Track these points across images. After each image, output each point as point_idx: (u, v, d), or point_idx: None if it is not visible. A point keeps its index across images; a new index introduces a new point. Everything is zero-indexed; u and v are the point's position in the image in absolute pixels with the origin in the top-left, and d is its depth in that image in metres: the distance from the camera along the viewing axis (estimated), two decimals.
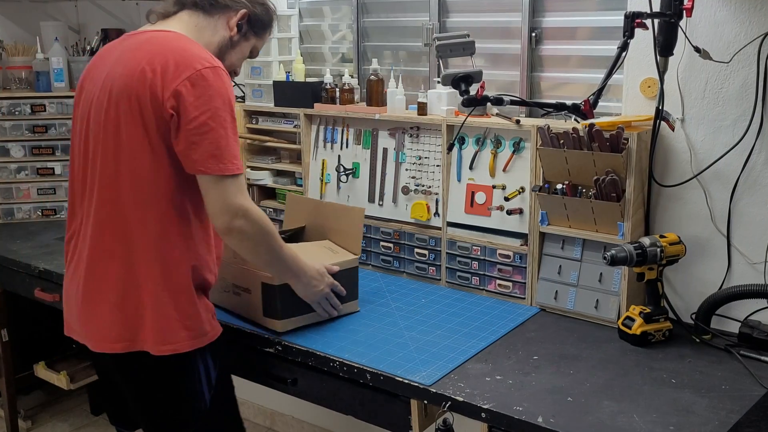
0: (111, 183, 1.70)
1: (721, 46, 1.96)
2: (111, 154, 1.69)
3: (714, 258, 2.05)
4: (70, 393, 3.37)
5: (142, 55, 1.67)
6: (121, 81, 1.67)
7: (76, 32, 3.74)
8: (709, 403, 1.64)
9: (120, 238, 1.70)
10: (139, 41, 1.73)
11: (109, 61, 1.76)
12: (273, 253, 1.80)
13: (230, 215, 1.65)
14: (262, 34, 1.92)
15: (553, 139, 2.07)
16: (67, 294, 1.86)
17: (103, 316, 1.73)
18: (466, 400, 1.67)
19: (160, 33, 1.74)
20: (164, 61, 1.63)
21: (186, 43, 1.70)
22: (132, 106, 1.65)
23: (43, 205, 3.30)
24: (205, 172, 1.63)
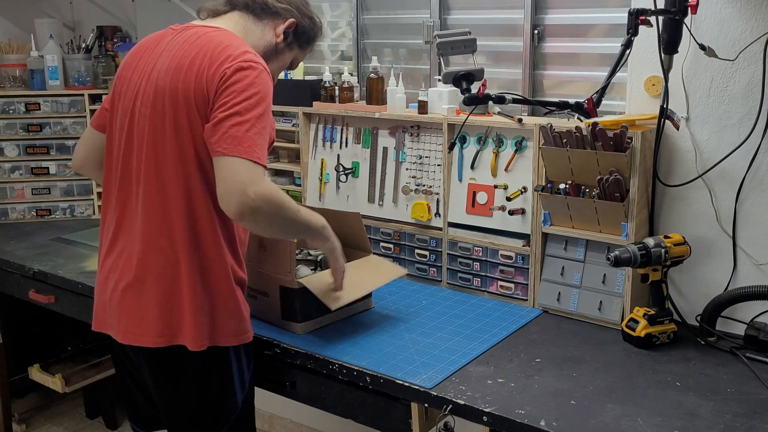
0: (157, 176, 1.71)
1: (727, 44, 1.96)
2: (157, 146, 1.70)
3: (719, 259, 2.06)
4: (65, 396, 3.38)
5: (191, 49, 1.70)
6: (168, 77, 1.69)
7: (71, 29, 3.75)
8: (714, 407, 1.64)
9: (165, 231, 1.71)
10: (189, 36, 1.75)
11: (155, 53, 1.77)
12: (293, 225, 1.73)
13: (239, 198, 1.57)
14: (306, 47, 1.96)
15: (556, 138, 2.07)
16: (103, 285, 1.84)
17: (148, 309, 1.73)
18: (468, 403, 1.67)
19: (211, 29, 1.77)
20: (210, 55, 1.66)
21: (233, 39, 1.73)
22: (179, 103, 1.67)
23: (37, 206, 3.30)
24: (221, 153, 1.59)
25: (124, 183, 1.79)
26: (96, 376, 3.28)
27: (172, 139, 1.69)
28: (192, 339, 1.73)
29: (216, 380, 1.81)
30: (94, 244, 2.90)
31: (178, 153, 1.69)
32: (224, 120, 1.61)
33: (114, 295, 1.79)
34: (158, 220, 1.72)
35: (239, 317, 1.79)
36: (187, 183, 1.70)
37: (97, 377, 3.28)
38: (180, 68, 1.69)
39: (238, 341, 1.80)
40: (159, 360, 1.78)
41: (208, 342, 1.74)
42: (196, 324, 1.72)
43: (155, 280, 1.73)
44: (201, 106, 1.66)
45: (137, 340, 1.77)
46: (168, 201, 1.71)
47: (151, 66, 1.76)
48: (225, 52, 1.67)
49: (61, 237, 3.03)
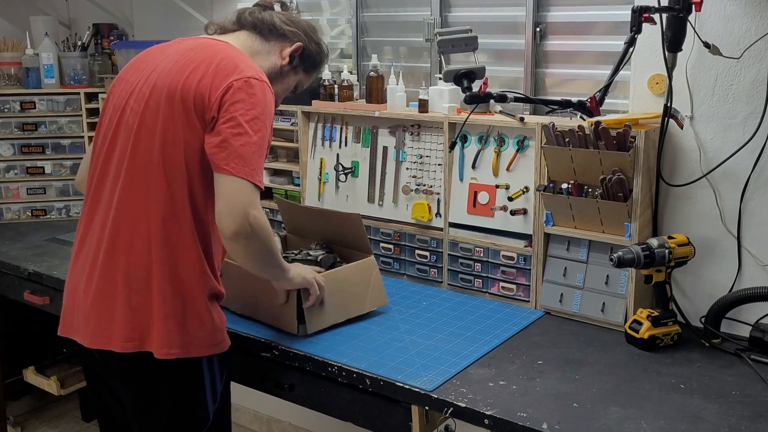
0: (138, 175, 1.70)
1: (732, 42, 1.96)
2: (143, 146, 1.70)
3: (724, 260, 2.06)
4: (61, 399, 3.38)
5: (198, 56, 1.71)
6: (168, 78, 1.70)
7: (67, 27, 3.75)
8: (718, 409, 1.64)
9: (140, 232, 1.70)
10: (198, 45, 1.77)
11: (158, 58, 1.78)
12: (272, 260, 1.78)
13: (241, 219, 1.62)
14: (311, 72, 1.98)
15: (558, 137, 2.07)
16: (72, 289, 1.83)
17: (116, 312, 1.71)
18: (469, 406, 1.67)
19: (216, 41, 1.80)
20: (216, 64, 1.68)
21: (241, 55, 1.75)
22: (175, 103, 1.67)
23: (32, 206, 3.30)
24: (229, 172, 1.63)
25: (100, 180, 1.78)
26: None
27: (161, 139, 1.68)
28: (158, 346, 1.70)
29: (187, 390, 1.78)
30: None
31: (164, 154, 1.68)
32: (234, 137, 1.63)
33: (86, 297, 1.76)
34: (134, 219, 1.70)
35: (213, 327, 1.76)
36: (170, 186, 1.68)
37: None
38: (183, 70, 1.69)
39: (211, 351, 1.77)
40: (128, 366, 1.75)
41: (177, 351, 1.71)
42: (165, 331, 1.70)
43: (125, 282, 1.71)
44: (199, 108, 1.66)
45: (105, 344, 1.73)
46: (147, 202, 1.69)
47: (152, 68, 1.76)
48: (233, 64, 1.69)
49: (56, 237, 3.03)
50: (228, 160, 1.63)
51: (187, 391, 1.78)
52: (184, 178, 1.68)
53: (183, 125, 1.67)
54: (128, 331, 1.71)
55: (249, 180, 1.63)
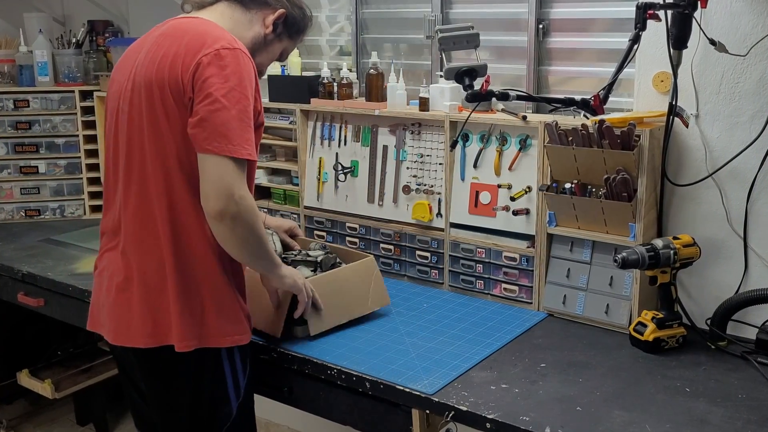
0: (137, 174, 1.72)
1: (738, 39, 1.96)
2: (134, 143, 1.72)
3: (730, 260, 2.06)
4: (55, 402, 3.37)
5: (166, 41, 1.71)
6: (143, 70, 1.71)
7: (61, 24, 3.75)
8: (725, 413, 1.64)
9: (150, 230, 1.72)
10: (167, 29, 1.76)
11: (137, 52, 1.78)
12: (261, 246, 1.75)
13: (225, 199, 1.61)
14: (296, 37, 1.95)
15: (562, 136, 2.07)
16: (98, 285, 1.86)
17: (136, 309, 1.74)
18: (470, 409, 1.67)
19: (185, 19, 1.78)
20: (186, 44, 1.67)
21: (209, 27, 1.72)
22: (154, 94, 1.67)
23: (26, 206, 3.30)
24: (211, 151, 1.61)
25: (115, 183, 1.81)
26: (87, 381, 3.28)
27: (149, 133, 1.69)
28: (178, 339, 1.72)
29: (208, 384, 1.80)
30: (84, 245, 2.90)
31: (155, 148, 1.69)
32: (212, 114, 1.61)
33: (108, 294, 1.80)
34: (142, 218, 1.73)
35: (234, 318, 1.78)
36: (168, 179, 1.69)
37: (87, 383, 3.28)
38: (154, 60, 1.69)
39: (231, 342, 1.78)
40: (150, 362, 1.78)
41: (196, 342, 1.73)
42: (183, 324, 1.72)
43: (141, 279, 1.74)
44: (176, 94, 1.65)
45: (127, 340, 1.77)
46: (149, 199, 1.71)
47: (132, 64, 1.77)
48: (200, 39, 1.67)
49: (50, 238, 3.03)
50: (209, 140, 1.61)
51: (208, 385, 1.79)
52: (179, 168, 1.69)
53: (165, 115, 1.67)
54: (149, 327, 1.73)
55: (232, 156, 1.61)
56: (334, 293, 2.06)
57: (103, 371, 3.33)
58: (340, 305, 2.07)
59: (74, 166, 3.31)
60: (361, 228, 2.61)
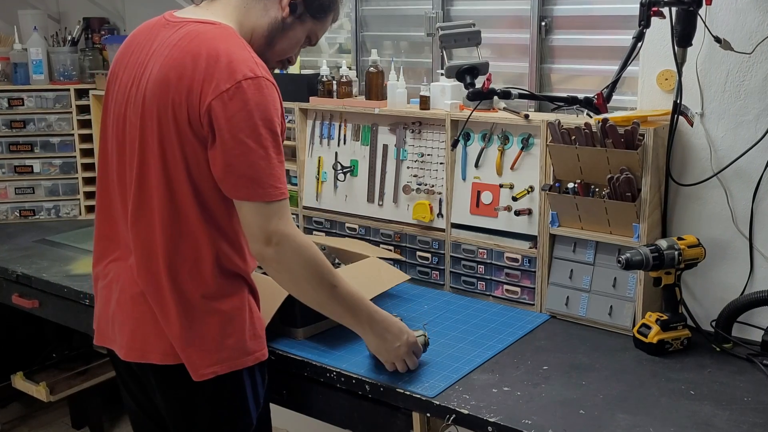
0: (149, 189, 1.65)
1: (743, 36, 1.96)
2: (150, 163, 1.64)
3: (735, 261, 2.06)
4: (50, 405, 3.38)
5: (183, 57, 1.60)
6: (158, 87, 1.61)
7: (57, 21, 3.75)
8: (730, 416, 1.64)
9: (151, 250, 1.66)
10: (182, 38, 1.63)
11: (147, 51, 1.69)
12: (322, 290, 1.69)
13: (263, 242, 1.59)
14: (322, 18, 1.80)
15: (564, 134, 2.07)
16: (106, 296, 1.79)
17: (150, 323, 1.68)
18: (472, 412, 1.67)
19: (204, 27, 1.65)
20: (203, 68, 1.57)
21: (230, 45, 1.61)
22: (168, 120, 1.60)
23: (21, 206, 3.30)
24: (243, 199, 1.59)
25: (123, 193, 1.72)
26: (82, 384, 3.28)
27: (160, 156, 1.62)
28: (194, 368, 1.67)
29: (228, 399, 1.75)
30: (80, 246, 2.90)
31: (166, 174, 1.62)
32: (238, 159, 1.56)
33: (121, 306, 1.73)
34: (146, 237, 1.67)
35: (252, 335, 1.72)
36: (177, 204, 1.63)
37: (83, 386, 3.28)
38: (169, 81, 1.60)
39: (252, 361, 1.73)
40: (168, 378, 1.71)
41: (215, 369, 1.67)
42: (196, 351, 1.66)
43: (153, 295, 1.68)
44: (194, 126, 1.59)
45: (143, 356, 1.70)
46: (153, 220, 1.65)
47: (142, 67, 1.68)
48: (219, 65, 1.57)
49: (45, 239, 3.03)
50: (237, 187, 1.58)
51: (229, 401, 1.75)
52: (191, 193, 1.63)
53: (180, 142, 1.60)
54: (167, 343, 1.67)
55: (263, 201, 1.58)
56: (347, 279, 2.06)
57: (98, 374, 3.33)
58: None
59: (69, 165, 3.31)
60: (360, 228, 2.61)
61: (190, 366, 1.67)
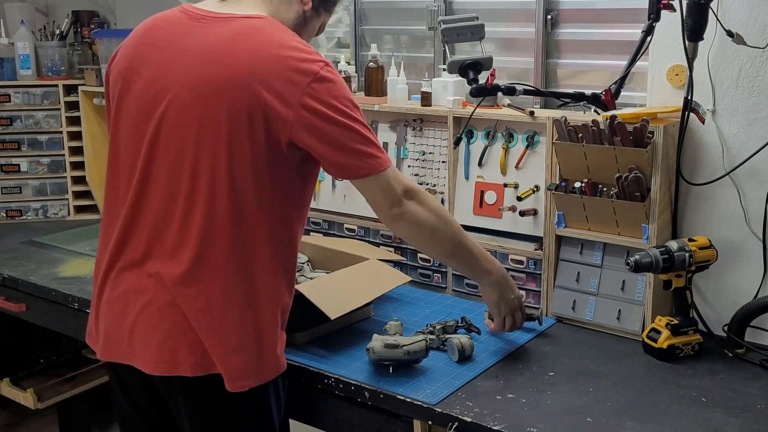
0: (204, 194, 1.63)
1: (757, 30, 1.96)
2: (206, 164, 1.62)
3: (748, 264, 2.06)
4: (38, 413, 3.37)
5: (240, 54, 1.61)
6: (227, 87, 1.59)
7: (44, 14, 3.75)
8: (743, 424, 1.64)
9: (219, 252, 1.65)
10: (229, 34, 1.64)
11: (179, 45, 1.67)
12: (455, 239, 1.84)
13: (398, 203, 1.73)
14: (332, 8, 1.91)
15: (571, 132, 2.07)
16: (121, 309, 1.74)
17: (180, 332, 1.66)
18: (475, 420, 1.67)
19: (249, 22, 1.67)
20: (277, 62, 1.60)
21: (287, 38, 1.66)
22: (240, 117, 1.59)
23: (7, 206, 3.30)
24: (363, 175, 1.69)
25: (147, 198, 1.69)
26: (71, 391, 3.27)
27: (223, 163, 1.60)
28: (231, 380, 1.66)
29: (256, 414, 1.75)
30: (68, 247, 2.90)
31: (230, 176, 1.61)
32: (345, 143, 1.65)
33: (146, 316, 1.68)
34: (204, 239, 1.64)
35: (280, 344, 1.74)
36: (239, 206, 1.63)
37: (72, 392, 3.27)
38: (233, 79, 1.59)
39: (277, 373, 1.75)
40: (197, 391, 1.70)
41: (253, 381, 1.68)
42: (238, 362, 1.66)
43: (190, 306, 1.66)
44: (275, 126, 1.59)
45: (172, 369, 1.67)
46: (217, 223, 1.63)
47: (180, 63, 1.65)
48: (287, 58, 1.60)
49: (33, 240, 3.02)
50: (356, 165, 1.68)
51: (256, 414, 1.75)
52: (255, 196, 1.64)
53: (252, 146, 1.60)
54: (198, 354, 1.66)
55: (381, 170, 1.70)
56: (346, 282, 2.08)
57: (87, 380, 3.33)
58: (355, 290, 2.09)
59: (58, 164, 3.31)
60: (360, 229, 2.61)
61: (228, 375, 1.66)
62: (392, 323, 2.03)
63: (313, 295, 1.96)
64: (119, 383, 1.83)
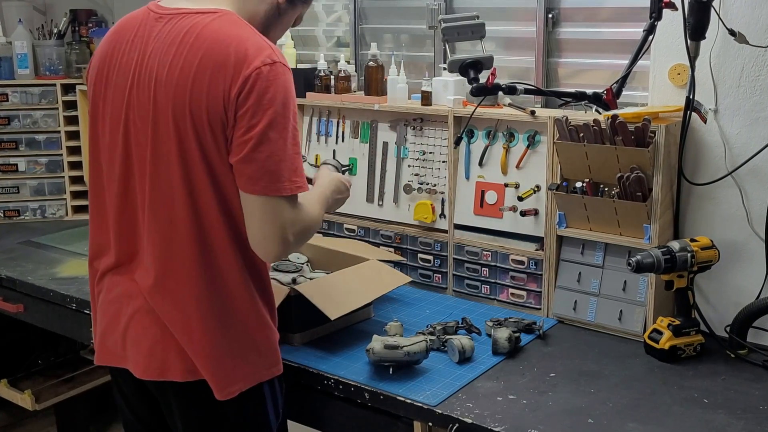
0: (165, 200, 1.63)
1: (759, 29, 1.96)
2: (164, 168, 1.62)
3: (751, 264, 2.06)
4: (36, 414, 3.37)
5: (194, 53, 1.58)
6: (171, 89, 1.58)
7: (42, 13, 3.75)
8: (745, 426, 1.64)
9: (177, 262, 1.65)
10: (185, 31, 1.61)
11: (140, 47, 1.66)
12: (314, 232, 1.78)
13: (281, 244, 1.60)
14: (309, 0, 1.83)
15: (572, 132, 2.07)
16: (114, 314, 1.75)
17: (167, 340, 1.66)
18: (476, 422, 1.67)
19: (206, 17, 1.63)
20: (221, 62, 1.55)
21: (242, 33, 1.60)
22: (186, 122, 1.57)
23: (5, 206, 3.30)
24: (258, 192, 1.57)
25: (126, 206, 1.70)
26: (69, 392, 3.27)
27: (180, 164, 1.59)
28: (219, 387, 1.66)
29: (251, 417, 1.74)
30: (66, 247, 2.90)
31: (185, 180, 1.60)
32: (256, 149, 1.54)
33: (135, 321, 1.69)
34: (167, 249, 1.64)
35: (269, 348, 1.73)
36: (199, 212, 1.61)
37: (69, 393, 3.27)
38: (184, 79, 1.57)
39: (272, 374, 1.73)
40: (189, 396, 1.70)
41: (239, 387, 1.67)
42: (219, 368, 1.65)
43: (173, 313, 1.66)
44: (216, 124, 1.57)
45: (162, 374, 1.67)
46: (178, 232, 1.62)
47: (141, 66, 1.64)
48: (234, 53, 1.55)
49: (30, 240, 3.02)
50: (255, 180, 1.56)
51: (252, 417, 1.75)
52: (214, 199, 1.61)
53: (201, 147, 1.58)
54: (188, 359, 1.66)
55: (285, 195, 1.57)
56: (345, 282, 2.08)
57: (85, 381, 3.32)
58: (356, 290, 2.09)
59: (56, 164, 3.31)
60: (359, 230, 2.61)
61: (216, 384, 1.65)
62: (392, 324, 2.03)
63: (313, 296, 1.96)
64: (117, 386, 1.84)
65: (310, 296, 1.96)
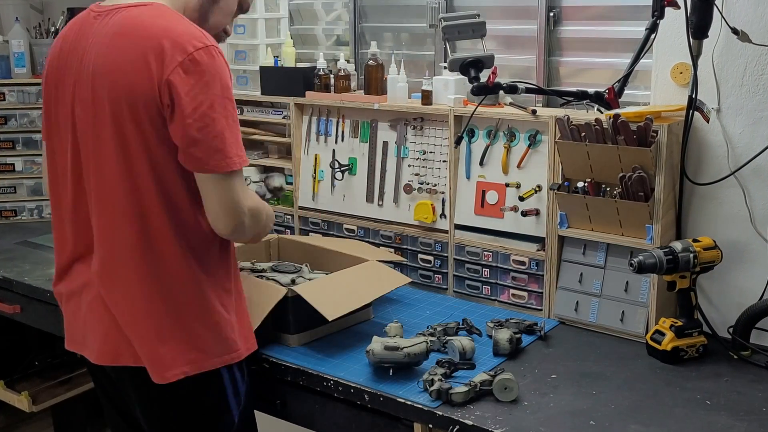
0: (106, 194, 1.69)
1: (762, 28, 1.96)
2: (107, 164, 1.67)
3: (754, 264, 2.06)
4: (33, 416, 3.38)
5: (125, 43, 1.64)
6: (107, 79, 1.64)
7: (39, 12, 3.75)
8: (748, 427, 1.64)
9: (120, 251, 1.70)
10: (118, 25, 1.67)
11: (82, 46, 1.71)
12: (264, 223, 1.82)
13: (236, 216, 1.67)
14: None
15: (574, 131, 2.07)
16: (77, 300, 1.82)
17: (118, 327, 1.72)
18: (476, 423, 1.67)
19: (136, 10, 1.69)
20: (151, 50, 1.60)
21: (170, 21, 1.66)
22: (123, 110, 1.62)
23: (2, 206, 3.30)
24: (211, 170, 1.63)
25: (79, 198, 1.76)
26: (66, 393, 3.28)
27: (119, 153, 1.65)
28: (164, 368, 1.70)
29: (206, 400, 1.78)
30: None
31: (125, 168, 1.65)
32: (201, 132, 1.60)
33: (89, 310, 1.77)
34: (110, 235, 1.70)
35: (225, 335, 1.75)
36: (139, 199, 1.66)
37: (67, 395, 3.27)
38: (117, 69, 1.63)
39: (223, 362, 1.76)
40: (144, 380, 1.73)
41: (187, 369, 1.71)
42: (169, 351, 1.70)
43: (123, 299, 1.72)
44: (152, 111, 1.61)
45: (115, 359, 1.74)
46: (119, 218, 1.68)
47: (81, 65, 1.70)
48: (165, 45, 1.60)
49: (27, 240, 3.03)
50: (205, 159, 1.61)
51: (207, 400, 1.79)
52: (154, 187, 1.66)
53: (138, 133, 1.63)
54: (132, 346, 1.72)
55: (230, 170, 1.63)
56: (345, 283, 2.09)
57: (83, 383, 3.32)
58: (355, 291, 2.09)
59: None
60: (359, 230, 2.61)
61: (151, 368, 1.70)
62: (392, 325, 2.03)
63: (310, 297, 1.96)
64: (91, 373, 1.95)
65: (308, 297, 1.96)
